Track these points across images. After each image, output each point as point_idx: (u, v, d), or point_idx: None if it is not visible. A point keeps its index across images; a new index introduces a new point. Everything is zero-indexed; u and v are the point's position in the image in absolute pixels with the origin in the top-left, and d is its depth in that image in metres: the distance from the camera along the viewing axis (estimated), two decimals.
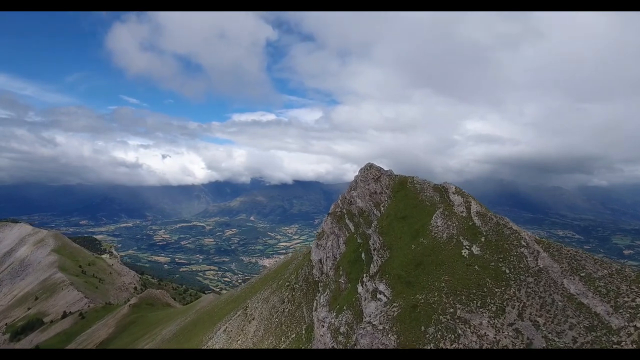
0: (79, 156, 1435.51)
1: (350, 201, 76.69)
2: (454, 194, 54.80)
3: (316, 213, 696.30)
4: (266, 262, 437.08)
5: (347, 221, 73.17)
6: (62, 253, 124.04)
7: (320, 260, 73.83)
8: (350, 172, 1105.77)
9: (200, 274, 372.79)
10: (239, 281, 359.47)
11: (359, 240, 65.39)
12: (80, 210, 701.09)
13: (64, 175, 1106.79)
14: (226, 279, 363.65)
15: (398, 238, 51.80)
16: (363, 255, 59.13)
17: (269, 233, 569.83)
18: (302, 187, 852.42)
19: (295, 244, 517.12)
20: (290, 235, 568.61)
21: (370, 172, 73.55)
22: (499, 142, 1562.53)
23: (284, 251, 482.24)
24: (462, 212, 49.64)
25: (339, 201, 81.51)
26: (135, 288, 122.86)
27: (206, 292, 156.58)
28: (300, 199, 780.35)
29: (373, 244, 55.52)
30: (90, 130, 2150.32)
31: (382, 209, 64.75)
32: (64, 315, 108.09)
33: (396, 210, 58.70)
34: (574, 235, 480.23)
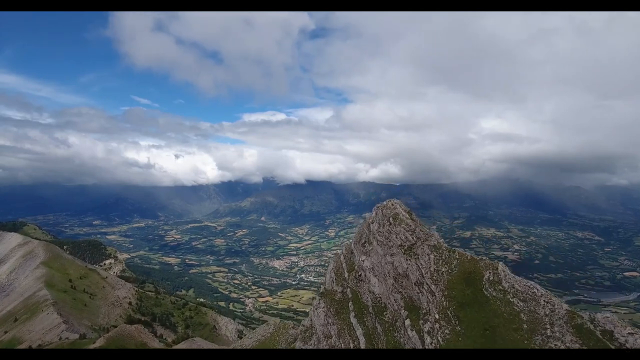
0: (92, 157, 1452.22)
1: (360, 274, 44.38)
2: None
3: (327, 213, 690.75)
4: (276, 263, 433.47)
5: (353, 319, 42.62)
6: (52, 266, 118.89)
7: None
8: (363, 171, 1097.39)
9: (210, 275, 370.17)
10: (249, 283, 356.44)
11: None
12: (94, 210, 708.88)
13: (79, 176, 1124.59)
14: (236, 281, 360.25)
15: None
16: None
17: (279, 234, 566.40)
18: (313, 187, 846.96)
19: (306, 244, 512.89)
20: (301, 236, 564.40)
21: (395, 230, 41.04)
22: (517, 141, 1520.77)
23: (294, 252, 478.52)
24: None
25: (341, 258, 49.66)
26: (130, 303, 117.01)
27: (207, 305, 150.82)
28: (311, 199, 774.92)
29: None
30: (102, 131, 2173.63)
31: (429, 336, 33.18)
32: None
33: None
34: (593, 237, 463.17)
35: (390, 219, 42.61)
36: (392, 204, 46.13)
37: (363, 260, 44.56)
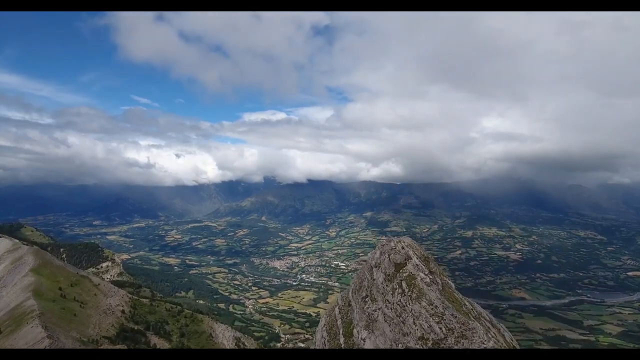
0: (92, 157, 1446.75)
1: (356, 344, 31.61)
2: None
3: (328, 213, 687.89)
4: (277, 263, 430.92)
5: None
6: (42, 273, 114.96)
7: None
8: (364, 171, 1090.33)
9: (210, 276, 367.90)
10: (249, 284, 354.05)
11: None
12: (95, 210, 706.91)
13: (79, 176, 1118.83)
14: (236, 282, 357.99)
15: None
16: None
17: (280, 233, 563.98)
18: (314, 186, 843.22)
19: (307, 244, 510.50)
20: (301, 235, 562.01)
21: (412, 307, 29.42)
22: (519, 140, 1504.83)
23: (295, 252, 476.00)
24: None
25: (335, 312, 36.91)
26: (123, 311, 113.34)
27: (203, 312, 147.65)
28: (312, 199, 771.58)
29: None
30: (102, 131, 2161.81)
31: None
32: None
33: None
34: (596, 236, 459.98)
35: (404, 283, 28.24)
36: (402, 247, 32.17)
37: (364, 339, 29.54)
